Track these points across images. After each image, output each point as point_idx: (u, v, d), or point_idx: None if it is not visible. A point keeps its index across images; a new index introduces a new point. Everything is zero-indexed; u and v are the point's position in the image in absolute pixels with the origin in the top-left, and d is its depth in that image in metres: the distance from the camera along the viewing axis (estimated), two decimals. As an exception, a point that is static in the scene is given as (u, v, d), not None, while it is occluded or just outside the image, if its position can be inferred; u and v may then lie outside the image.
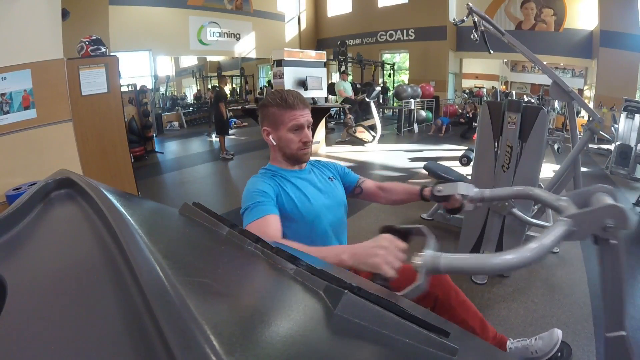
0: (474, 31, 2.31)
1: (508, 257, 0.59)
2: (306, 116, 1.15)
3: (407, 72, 13.41)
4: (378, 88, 8.70)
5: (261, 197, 1.06)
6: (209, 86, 13.10)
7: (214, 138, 8.12)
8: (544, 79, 9.61)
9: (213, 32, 11.35)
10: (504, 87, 12.20)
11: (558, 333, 1.35)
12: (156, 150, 6.86)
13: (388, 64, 13.08)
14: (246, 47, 12.36)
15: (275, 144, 1.17)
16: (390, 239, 0.74)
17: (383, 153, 6.68)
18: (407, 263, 0.71)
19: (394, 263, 0.71)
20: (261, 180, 1.13)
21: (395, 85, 12.06)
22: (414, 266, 0.63)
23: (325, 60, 6.61)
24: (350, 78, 8.95)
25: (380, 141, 7.39)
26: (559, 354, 1.33)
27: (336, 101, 8.67)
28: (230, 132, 7.88)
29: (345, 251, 0.77)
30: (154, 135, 7.36)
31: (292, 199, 1.13)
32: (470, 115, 9.00)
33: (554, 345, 1.32)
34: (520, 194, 0.99)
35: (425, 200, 1.19)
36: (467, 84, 13.31)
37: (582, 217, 0.65)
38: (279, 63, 5.61)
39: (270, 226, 0.99)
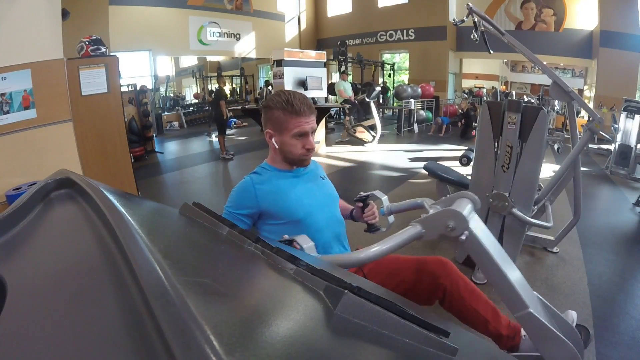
0: (474, 31, 2.31)
1: (362, 255, 0.74)
2: (311, 123, 1.14)
3: (407, 72, 13.41)
4: (378, 88, 8.71)
5: (232, 208, 1.16)
6: (210, 87, 13.12)
7: (214, 138, 8.12)
8: (544, 79, 9.61)
9: (213, 32, 11.35)
10: (504, 87, 12.19)
11: (573, 314, 1.27)
12: (156, 150, 6.86)
13: (388, 64, 13.08)
14: (246, 47, 12.36)
15: (277, 147, 1.17)
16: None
17: (383, 153, 6.68)
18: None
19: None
20: (244, 191, 1.17)
21: (395, 85, 12.06)
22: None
23: (325, 60, 6.61)
24: (350, 78, 8.95)
25: (380, 141, 7.39)
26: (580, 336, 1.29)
27: (336, 101, 8.67)
28: (229, 131, 7.88)
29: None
30: (154, 135, 7.37)
31: (284, 199, 1.14)
32: (463, 112, 8.94)
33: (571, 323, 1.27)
34: (415, 205, 1.17)
35: (352, 219, 1.34)
36: (467, 84, 13.30)
37: (427, 221, 0.78)
38: (279, 63, 5.61)
39: None
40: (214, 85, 12.80)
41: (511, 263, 0.85)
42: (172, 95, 11.83)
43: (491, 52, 2.52)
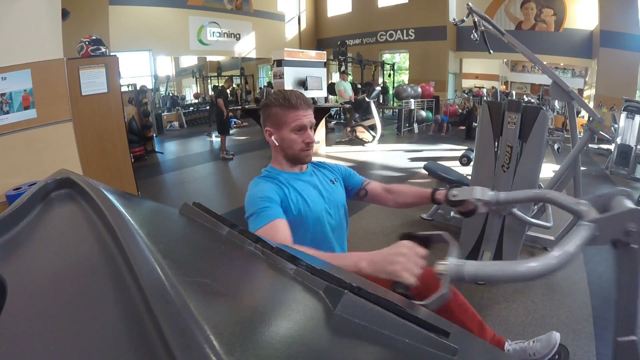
0: (474, 31, 2.31)
1: (533, 264, 0.58)
2: (309, 117, 1.14)
3: (407, 72, 13.41)
4: (378, 88, 8.70)
5: (266, 202, 1.03)
6: (210, 88, 13.12)
7: (214, 138, 8.12)
8: (544, 79, 9.61)
9: (213, 32, 11.35)
10: (504, 87, 12.19)
11: (556, 336, 1.36)
12: (156, 150, 6.86)
13: (388, 64, 13.08)
14: (246, 47, 12.36)
15: (277, 144, 1.15)
16: (409, 246, 0.72)
17: (383, 153, 6.68)
18: (427, 268, 0.71)
19: (414, 270, 0.69)
20: (264, 183, 1.11)
21: (395, 85, 12.06)
22: (438, 275, 0.62)
23: (325, 60, 6.61)
24: (350, 78, 8.95)
25: (380, 141, 7.39)
26: (557, 356, 1.34)
27: (336, 101, 8.67)
28: (230, 131, 7.88)
29: (364, 259, 0.74)
30: (154, 135, 7.37)
31: (292, 203, 1.11)
32: (464, 112, 8.91)
33: (552, 347, 1.33)
34: (538, 197, 0.96)
35: (437, 204, 1.17)
36: (467, 84, 13.31)
37: (605, 221, 0.65)
38: (279, 63, 5.62)
39: (279, 231, 0.97)
40: (214, 85, 12.81)
41: None
42: (170, 94, 11.83)
43: (491, 52, 2.52)
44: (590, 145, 6.51)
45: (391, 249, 0.73)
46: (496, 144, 2.14)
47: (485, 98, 10.48)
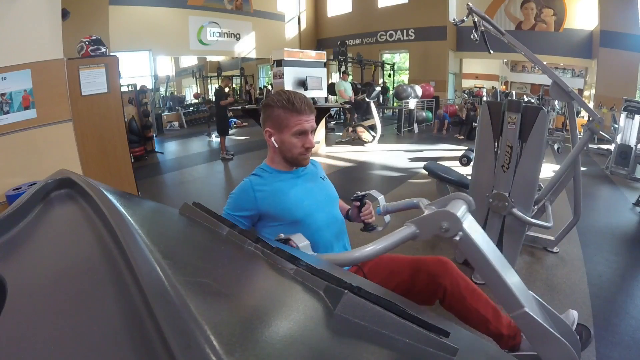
0: (474, 31, 2.31)
1: (355, 254, 0.76)
2: (311, 122, 1.14)
3: (407, 72, 13.41)
4: (378, 88, 8.70)
5: (233, 210, 1.15)
6: (210, 87, 13.12)
7: (214, 138, 8.12)
8: (544, 79, 9.61)
9: (213, 32, 11.35)
10: (504, 87, 12.19)
11: (574, 314, 1.25)
12: (156, 150, 6.86)
13: (388, 64, 13.08)
14: (246, 47, 12.36)
15: (277, 146, 1.16)
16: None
17: (383, 153, 6.68)
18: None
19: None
20: (247, 193, 1.16)
21: (395, 85, 12.05)
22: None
23: (325, 60, 6.61)
24: (350, 78, 8.96)
25: (380, 141, 7.39)
26: (578, 337, 1.20)
27: (336, 101, 8.67)
28: (230, 131, 7.88)
29: None
30: (154, 135, 7.36)
31: (284, 200, 1.14)
32: (464, 118, 8.85)
33: (571, 324, 1.22)
34: (411, 205, 1.16)
35: (349, 219, 1.34)
36: (467, 84, 13.31)
37: (422, 222, 0.79)
38: (279, 63, 5.61)
39: None
40: (214, 85, 12.81)
41: (507, 263, 0.85)
42: (170, 95, 11.83)
43: (491, 52, 2.52)
44: (590, 145, 6.51)
45: None
46: (496, 144, 2.14)
47: (485, 98, 10.48)
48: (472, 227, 0.80)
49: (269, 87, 11.65)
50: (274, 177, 1.19)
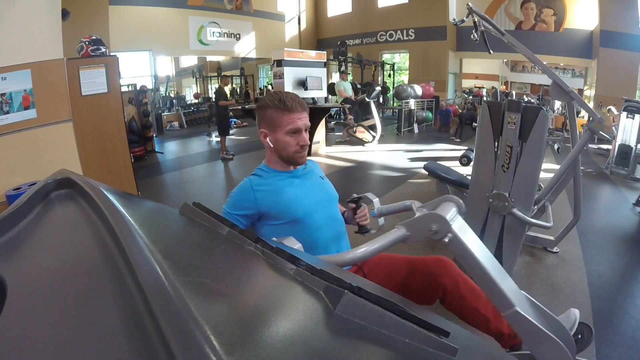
0: (474, 31, 2.31)
1: (349, 255, 0.77)
2: (304, 120, 1.16)
3: (407, 72, 13.41)
4: (378, 88, 8.70)
5: (232, 209, 1.16)
6: (210, 87, 13.12)
7: (214, 138, 8.11)
8: (544, 79, 9.61)
9: (213, 32, 11.35)
10: (504, 87, 12.19)
11: (575, 313, 1.26)
12: (156, 150, 6.86)
13: (388, 64, 13.08)
14: (246, 47, 12.36)
15: (272, 146, 1.18)
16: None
17: (383, 153, 6.67)
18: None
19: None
20: (246, 193, 1.16)
21: (395, 85, 12.05)
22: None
23: (325, 60, 6.61)
24: (350, 78, 8.95)
25: (380, 141, 7.39)
26: (579, 335, 1.24)
27: (336, 101, 8.67)
28: (230, 132, 7.87)
29: None
30: (154, 135, 7.36)
31: (283, 199, 1.15)
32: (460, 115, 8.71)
33: (572, 325, 1.23)
34: (404, 208, 1.14)
35: (345, 221, 1.32)
36: (467, 84, 13.31)
37: (412, 224, 0.80)
38: (279, 63, 5.61)
39: None
40: (214, 86, 12.81)
41: (497, 264, 0.86)
42: (171, 95, 11.83)
43: (491, 52, 2.52)
44: (590, 145, 6.51)
45: None
46: (496, 144, 2.14)
47: (485, 98, 10.48)
48: (461, 229, 0.81)
49: (269, 87, 11.71)
50: (273, 177, 1.20)
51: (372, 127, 7.42)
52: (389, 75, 13.12)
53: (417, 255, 1.21)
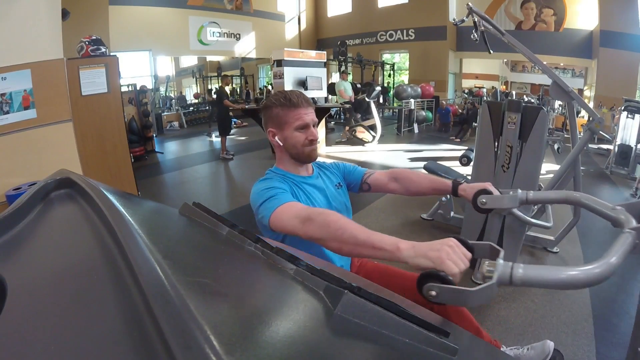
0: (474, 31, 2.31)
1: (575, 273, 0.58)
2: (311, 115, 1.14)
3: (407, 72, 13.41)
4: (378, 88, 8.68)
5: (276, 190, 1.01)
6: (210, 87, 13.12)
7: (214, 138, 8.11)
8: (544, 79, 9.62)
9: (213, 32, 11.34)
10: (504, 87, 12.19)
11: (550, 345, 1.37)
12: (156, 150, 6.86)
13: (388, 64, 13.08)
14: (246, 47, 12.36)
15: (281, 144, 1.14)
16: (456, 243, 0.67)
17: (383, 153, 6.68)
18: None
19: (459, 263, 0.64)
20: (270, 180, 1.09)
21: (395, 85, 12.05)
22: (486, 275, 0.58)
23: (325, 60, 6.61)
24: (350, 78, 8.94)
25: (380, 141, 7.39)
26: None
27: (336, 101, 8.67)
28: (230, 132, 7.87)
29: (403, 241, 0.70)
30: (154, 135, 7.36)
31: (300, 200, 1.10)
32: (466, 114, 8.69)
33: (546, 356, 1.35)
34: (569, 199, 0.93)
35: (456, 196, 1.13)
36: (467, 84, 13.30)
37: None
38: (279, 63, 5.61)
39: (295, 206, 0.93)
40: (214, 85, 12.82)
41: None
42: (171, 95, 11.82)
43: (491, 52, 2.52)
44: (590, 145, 6.51)
45: (437, 241, 0.68)
46: (496, 144, 2.14)
47: (485, 98, 10.48)
48: None
49: (269, 87, 11.71)
50: (290, 178, 1.15)
51: (372, 127, 7.42)
52: (389, 75, 13.12)
53: (409, 272, 1.15)
